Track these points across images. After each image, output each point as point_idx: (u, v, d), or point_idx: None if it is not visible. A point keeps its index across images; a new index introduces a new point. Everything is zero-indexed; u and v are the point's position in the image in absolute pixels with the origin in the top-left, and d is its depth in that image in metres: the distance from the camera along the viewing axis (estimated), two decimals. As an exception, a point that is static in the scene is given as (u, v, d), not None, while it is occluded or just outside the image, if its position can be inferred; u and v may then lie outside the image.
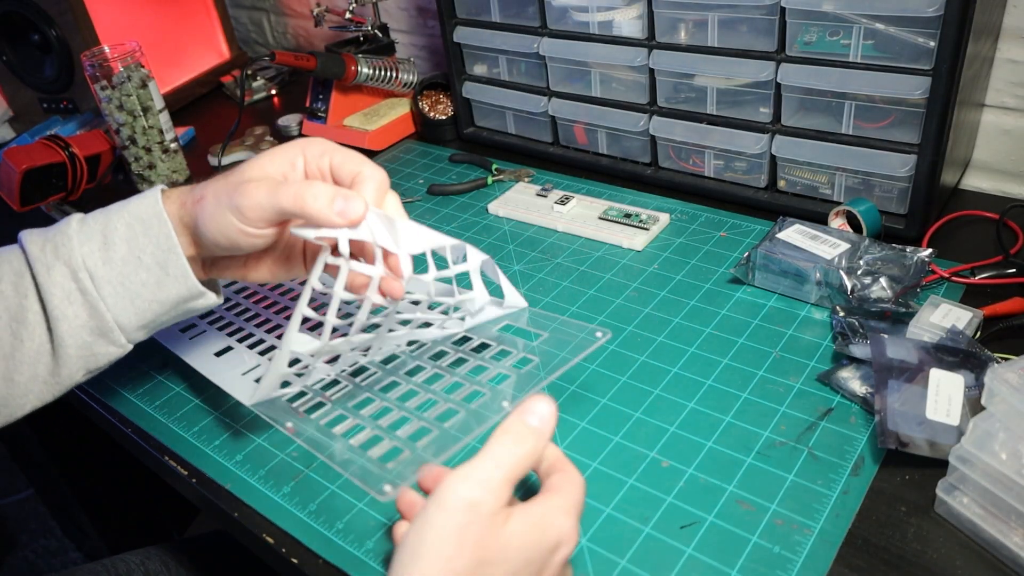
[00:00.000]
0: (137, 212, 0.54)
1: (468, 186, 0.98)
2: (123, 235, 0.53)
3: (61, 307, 0.53)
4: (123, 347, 0.56)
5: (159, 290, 0.54)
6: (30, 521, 1.65)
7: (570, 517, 0.42)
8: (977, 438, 0.49)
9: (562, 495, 0.43)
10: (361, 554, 0.54)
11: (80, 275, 0.53)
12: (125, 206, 0.55)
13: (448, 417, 0.58)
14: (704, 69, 0.83)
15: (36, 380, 0.55)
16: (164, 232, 0.53)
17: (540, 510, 0.42)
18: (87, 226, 0.54)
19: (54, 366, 0.55)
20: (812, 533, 0.51)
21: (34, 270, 0.53)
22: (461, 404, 0.59)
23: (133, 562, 0.83)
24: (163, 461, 0.65)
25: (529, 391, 0.50)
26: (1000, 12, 0.78)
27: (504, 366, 0.62)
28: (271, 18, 1.60)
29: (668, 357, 0.67)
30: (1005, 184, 0.86)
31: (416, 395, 0.61)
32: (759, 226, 0.83)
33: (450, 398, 0.60)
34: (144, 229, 0.53)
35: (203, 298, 0.56)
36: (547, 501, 0.42)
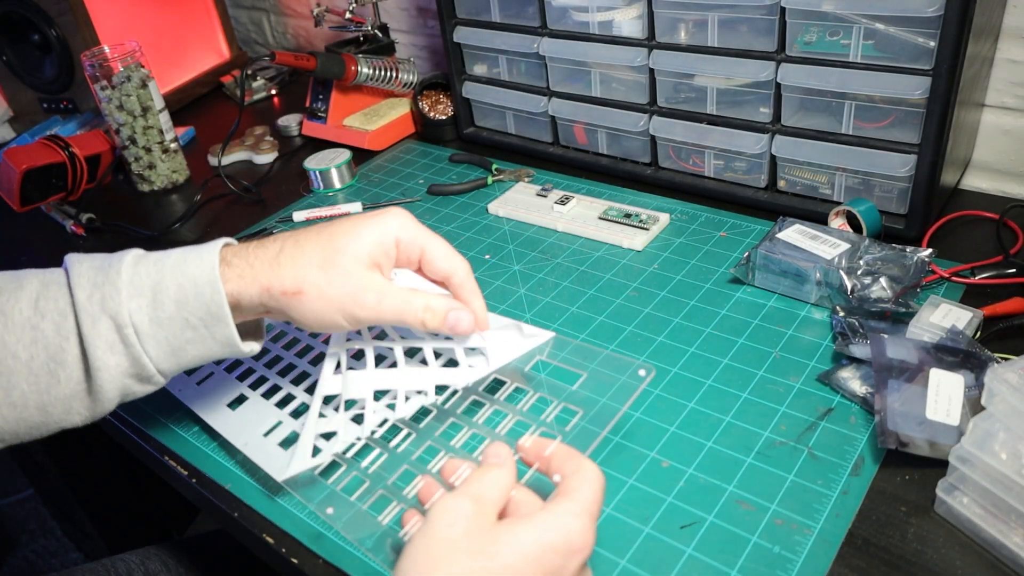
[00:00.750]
0: (192, 275, 0.51)
1: (468, 186, 0.98)
2: (173, 296, 0.51)
3: (103, 358, 0.51)
4: (159, 384, 0.55)
5: (203, 348, 0.53)
6: (30, 521, 1.65)
7: (582, 520, 0.41)
8: (977, 438, 0.49)
9: (574, 498, 0.41)
10: (361, 554, 0.54)
11: (126, 331, 0.51)
12: (181, 264, 0.52)
13: None
14: (704, 69, 0.83)
15: (70, 413, 0.54)
16: (217, 301, 0.51)
17: (551, 516, 0.40)
18: (138, 277, 0.52)
19: (90, 403, 0.54)
20: (812, 533, 0.51)
21: (79, 318, 0.51)
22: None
23: (133, 562, 0.83)
24: (163, 461, 0.65)
25: (584, 450, 0.46)
26: (1000, 12, 0.78)
27: (546, 421, 0.56)
28: (271, 18, 1.60)
29: (668, 357, 0.67)
30: (1005, 184, 0.86)
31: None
32: (759, 226, 0.83)
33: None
34: (196, 294, 0.51)
35: (243, 350, 0.55)
36: (558, 506, 0.41)
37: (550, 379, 0.60)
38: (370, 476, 0.56)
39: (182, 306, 0.51)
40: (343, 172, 1.04)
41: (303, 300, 0.51)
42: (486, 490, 0.42)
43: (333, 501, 0.55)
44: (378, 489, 0.55)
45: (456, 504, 0.41)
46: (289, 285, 0.51)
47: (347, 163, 1.04)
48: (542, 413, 0.57)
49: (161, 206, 1.09)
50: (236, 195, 1.06)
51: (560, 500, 0.42)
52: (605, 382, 0.57)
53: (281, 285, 0.51)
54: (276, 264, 0.52)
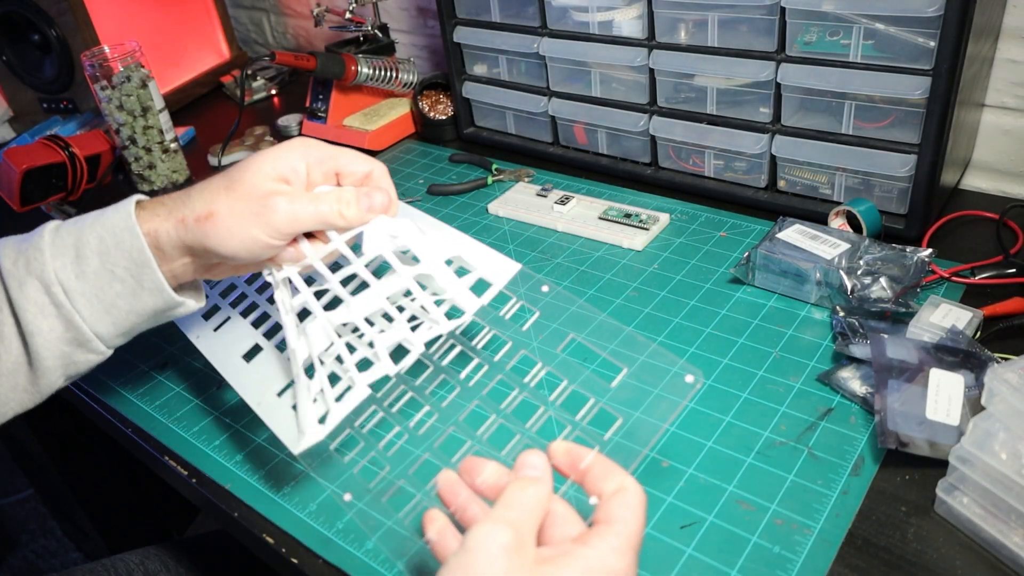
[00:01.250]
0: (109, 225, 0.53)
1: (468, 186, 0.98)
2: (95, 248, 0.53)
3: (35, 322, 0.52)
4: (103, 354, 0.56)
5: (135, 301, 0.54)
6: (30, 521, 1.65)
7: (625, 558, 0.38)
8: (977, 438, 0.49)
9: (616, 530, 0.38)
10: (361, 554, 0.54)
11: (53, 289, 0.52)
12: (98, 218, 0.54)
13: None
14: (704, 69, 0.83)
15: (16, 390, 0.55)
16: (137, 246, 0.52)
17: (593, 553, 0.37)
18: (60, 238, 0.54)
19: (33, 376, 0.54)
20: (812, 533, 0.51)
21: (7, 284, 0.53)
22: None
23: (133, 562, 0.83)
24: (163, 461, 0.65)
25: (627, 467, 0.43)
26: (1000, 12, 0.78)
27: (582, 424, 0.50)
28: (271, 18, 1.60)
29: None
30: (1005, 184, 0.86)
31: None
32: (759, 226, 0.83)
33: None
34: (116, 243, 0.53)
35: (182, 306, 0.56)
36: (601, 540, 0.38)
37: (580, 363, 0.54)
38: (389, 460, 0.53)
39: (105, 257, 0.53)
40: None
41: (217, 222, 0.52)
42: (526, 515, 0.39)
43: (351, 486, 0.54)
44: (398, 480, 0.53)
45: (496, 536, 0.37)
46: (200, 209, 0.52)
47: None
48: (577, 410, 0.51)
49: (161, 206, 1.09)
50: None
51: (602, 533, 0.38)
52: (647, 384, 0.52)
53: (193, 212, 0.52)
54: (186, 197, 0.54)
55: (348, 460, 0.53)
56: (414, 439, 0.54)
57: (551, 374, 0.51)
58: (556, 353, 0.54)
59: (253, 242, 0.52)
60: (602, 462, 0.42)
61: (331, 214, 0.53)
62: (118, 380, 0.74)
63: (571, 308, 0.58)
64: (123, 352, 0.78)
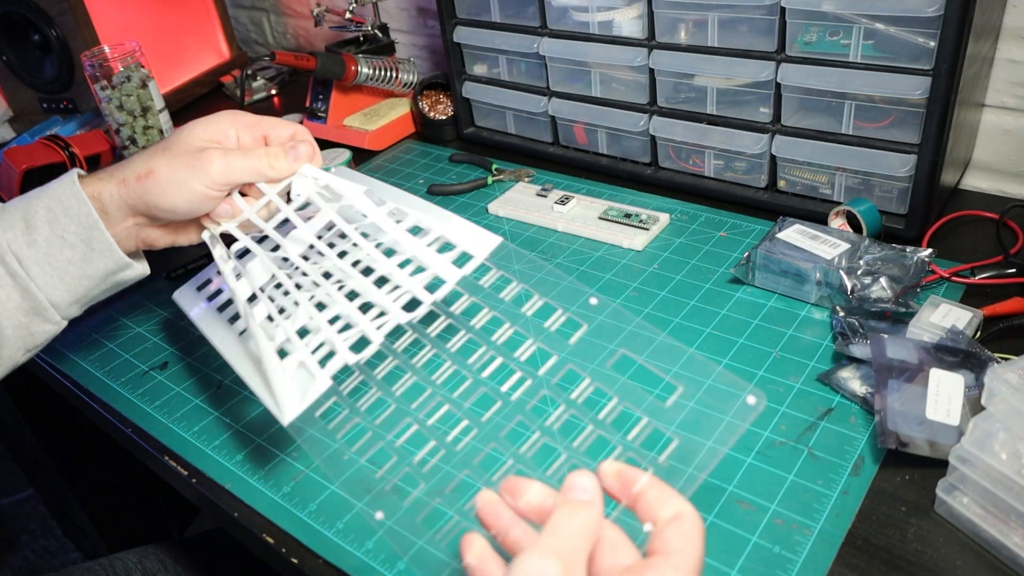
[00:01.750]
0: (56, 194, 0.57)
1: (468, 186, 0.98)
2: (44, 217, 0.56)
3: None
4: (58, 324, 0.59)
5: (86, 265, 0.57)
6: (30, 521, 1.65)
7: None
8: (977, 438, 0.49)
9: (675, 563, 0.35)
10: (361, 554, 0.54)
11: (7, 259, 0.55)
12: (43, 191, 0.58)
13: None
14: (704, 69, 0.83)
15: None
16: (84, 210, 0.56)
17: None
18: (7, 213, 0.57)
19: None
20: (812, 533, 0.51)
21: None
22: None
23: (131, 561, 0.83)
24: (163, 461, 0.65)
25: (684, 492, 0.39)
26: (1000, 12, 0.78)
27: (634, 445, 0.45)
28: (271, 18, 1.60)
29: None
30: (1005, 184, 0.86)
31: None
32: (759, 226, 0.83)
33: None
34: (64, 209, 0.56)
35: (131, 269, 0.59)
36: (659, 573, 0.35)
37: (634, 383, 0.49)
38: (424, 476, 0.50)
39: (54, 224, 0.56)
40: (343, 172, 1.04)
41: (157, 177, 0.56)
42: (576, 544, 0.35)
43: (382, 503, 0.49)
44: (434, 499, 0.49)
45: (545, 570, 0.34)
46: (140, 169, 0.57)
47: (347, 163, 1.04)
48: (627, 430, 0.46)
49: (161, 206, 1.09)
50: (236, 195, 1.06)
51: (659, 565, 0.35)
52: (704, 405, 0.47)
53: (134, 172, 0.57)
54: (126, 162, 0.59)
55: (379, 476, 0.49)
56: (451, 455, 0.49)
57: (599, 390, 0.47)
58: (605, 370, 0.50)
59: (192, 193, 0.57)
60: (657, 486, 0.38)
61: (262, 165, 0.59)
62: (118, 380, 0.74)
63: (627, 327, 0.55)
64: (123, 352, 0.78)
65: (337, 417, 0.51)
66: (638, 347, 0.51)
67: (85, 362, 0.77)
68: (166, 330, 0.80)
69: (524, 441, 0.48)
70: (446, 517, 0.46)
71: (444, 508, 0.48)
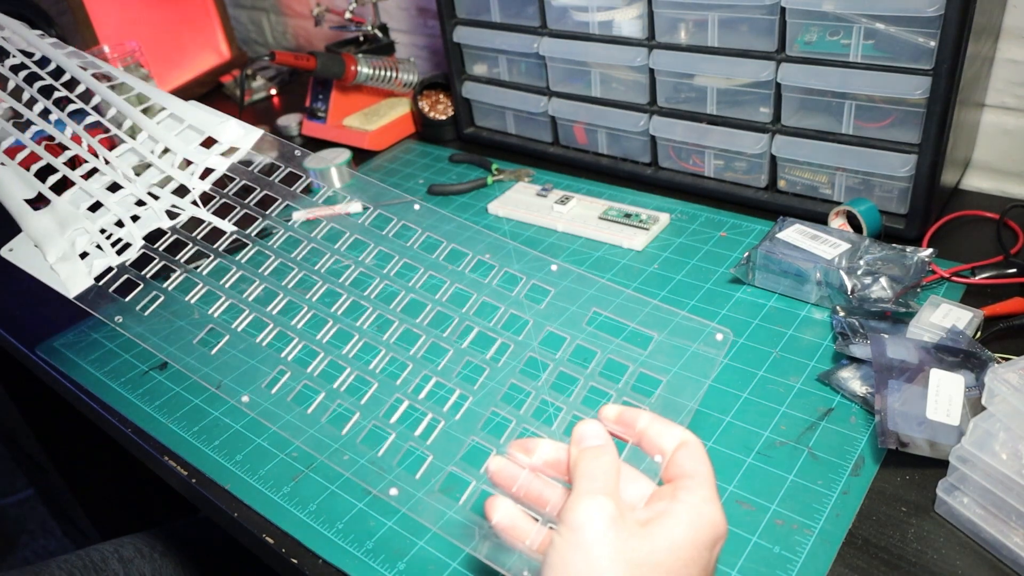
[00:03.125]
0: None
1: (468, 186, 0.98)
2: None
3: None
4: None
5: None
6: (30, 521, 1.65)
7: (717, 504, 0.38)
8: (977, 438, 0.49)
9: (699, 481, 0.39)
10: (361, 554, 0.54)
11: None
12: None
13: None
14: (704, 69, 0.83)
15: None
16: None
17: (690, 507, 0.38)
18: None
19: None
20: (812, 533, 0.51)
21: None
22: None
23: (107, 551, 0.84)
24: (163, 461, 0.65)
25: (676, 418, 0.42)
26: (1000, 12, 0.78)
27: (626, 389, 0.48)
28: (271, 18, 1.60)
29: (668, 357, 0.67)
30: (1005, 184, 0.86)
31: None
32: (759, 226, 0.83)
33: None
34: None
35: None
36: (691, 496, 0.38)
37: (610, 336, 0.52)
38: (431, 448, 0.49)
39: None
40: (343, 172, 1.04)
41: None
42: (611, 482, 0.39)
43: (394, 482, 0.49)
44: (448, 467, 0.48)
45: (602, 507, 0.37)
46: None
47: (347, 163, 1.04)
48: (615, 379, 0.49)
49: (161, 206, 1.09)
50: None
51: (689, 487, 0.39)
52: (680, 348, 0.50)
53: None
54: None
55: (382, 454, 0.49)
56: (452, 425, 0.50)
57: (580, 348, 0.50)
58: (582, 328, 0.53)
59: None
60: (657, 421, 0.42)
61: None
62: (118, 380, 0.74)
63: (588, 290, 0.57)
64: (123, 352, 0.78)
65: (330, 408, 0.51)
66: (604, 304, 0.53)
67: (85, 362, 0.77)
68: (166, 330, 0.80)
69: (522, 404, 0.49)
70: (464, 483, 0.47)
71: (460, 474, 0.48)
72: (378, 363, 0.52)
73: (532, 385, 0.50)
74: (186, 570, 0.86)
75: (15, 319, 0.87)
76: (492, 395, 0.50)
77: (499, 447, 0.46)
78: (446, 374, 0.51)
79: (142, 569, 0.83)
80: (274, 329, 0.54)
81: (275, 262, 0.58)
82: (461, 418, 0.50)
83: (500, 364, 0.52)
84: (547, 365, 0.51)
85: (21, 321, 0.86)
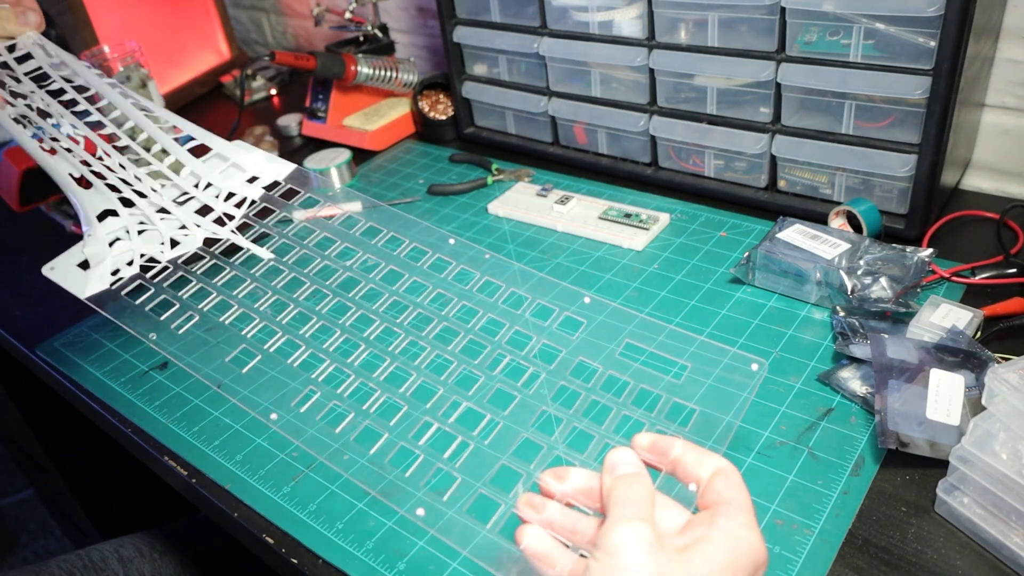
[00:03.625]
0: None
1: (468, 186, 0.98)
2: None
3: None
4: None
5: None
6: (30, 521, 1.65)
7: (756, 530, 0.38)
8: (977, 438, 0.49)
9: (738, 508, 0.38)
10: (361, 554, 0.54)
11: None
12: None
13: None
14: (704, 69, 0.83)
15: None
16: None
17: (727, 534, 0.37)
18: None
19: None
20: (812, 533, 0.51)
21: None
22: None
23: (107, 551, 0.84)
24: (163, 461, 0.65)
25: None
26: (1000, 12, 0.78)
27: (660, 418, 0.48)
28: (271, 18, 1.60)
29: (668, 357, 0.67)
30: (1005, 184, 0.86)
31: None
32: (759, 226, 0.83)
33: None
34: None
35: None
36: (729, 520, 0.38)
37: (645, 368, 0.52)
38: (460, 470, 0.49)
39: None
40: (343, 172, 1.04)
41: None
42: (647, 509, 0.38)
43: (421, 502, 0.49)
44: (478, 488, 0.48)
45: (640, 533, 0.36)
46: None
47: (347, 163, 1.04)
48: (651, 407, 0.49)
49: (161, 206, 1.09)
50: (236, 195, 1.06)
51: (727, 513, 0.38)
52: (714, 376, 0.50)
53: None
54: None
55: (410, 475, 0.49)
56: (482, 447, 0.50)
57: (612, 377, 0.50)
58: (615, 358, 0.53)
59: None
60: (692, 449, 0.41)
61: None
62: (118, 380, 0.74)
63: (625, 325, 0.56)
64: (123, 352, 0.78)
65: (359, 428, 0.51)
66: (638, 336, 0.53)
67: (85, 362, 0.77)
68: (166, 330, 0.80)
69: (553, 430, 0.49)
70: (494, 506, 0.46)
71: (490, 496, 0.47)
72: (408, 387, 0.52)
73: (564, 412, 0.50)
74: (186, 570, 0.86)
75: (15, 319, 0.87)
76: (523, 421, 0.50)
77: (530, 472, 0.46)
78: (478, 399, 0.51)
79: (142, 569, 0.83)
80: (306, 351, 0.54)
81: (310, 288, 0.59)
82: (491, 442, 0.49)
83: (532, 392, 0.51)
84: (579, 394, 0.51)
85: (21, 321, 0.86)
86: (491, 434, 0.49)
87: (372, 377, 0.52)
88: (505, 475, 0.47)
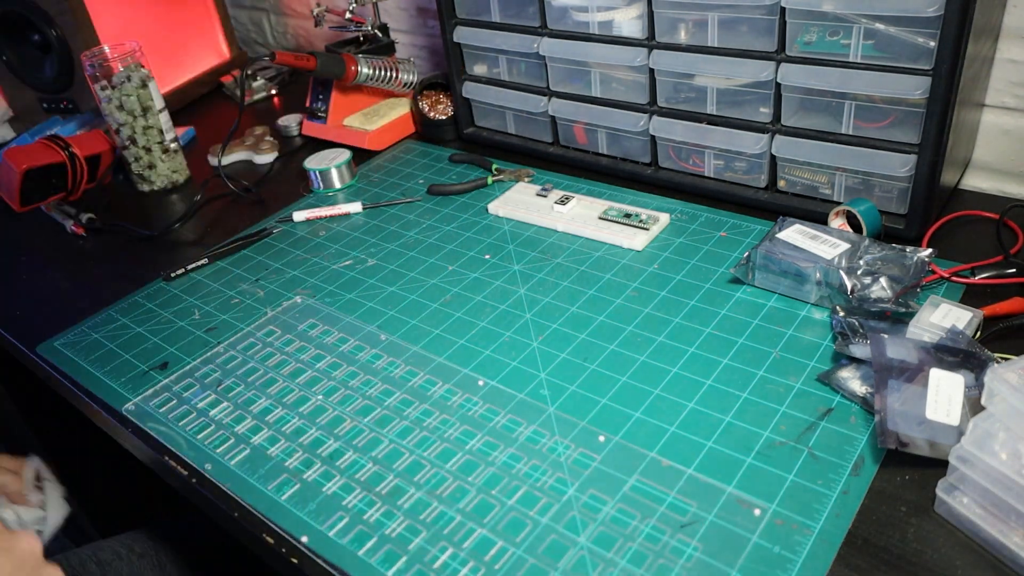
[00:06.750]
0: None
1: (468, 186, 0.98)
2: None
3: None
4: None
5: None
6: (30, 521, 1.64)
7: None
8: (977, 438, 0.49)
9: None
10: (361, 554, 0.54)
11: None
12: None
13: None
14: (704, 69, 0.83)
15: None
16: None
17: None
18: None
19: None
20: (812, 533, 0.51)
21: None
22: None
23: (107, 549, 0.84)
24: (163, 461, 0.65)
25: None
26: (1000, 12, 0.78)
27: (664, 552, 0.51)
28: (271, 18, 1.60)
29: (668, 357, 0.67)
30: (1005, 184, 0.86)
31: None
32: (759, 226, 0.83)
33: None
34: None
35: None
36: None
37: (652, 503, 0.55)
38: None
39: None
40: (343, 172, 1.04)
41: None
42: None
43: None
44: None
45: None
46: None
47: (347, 163, 1.04)
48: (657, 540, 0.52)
49: (161, 206, 1.09)
50: (236, 195, 1.06)
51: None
52: (714, 522, 0.53)
53: None
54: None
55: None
56: (492, 572, 0.53)
57: (621, 510, 0.54)
58: (625, 492, 0.56)
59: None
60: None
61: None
62: (118, 380, 0.74)
63: (637, 463, 0.59)
64: (123, 352, 0.78)
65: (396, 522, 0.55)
66: (647, 474, 0.57)
67: (85, 362, 0.77)
68: (166, 330, 0.80)
69: (563, 555, 0.52)
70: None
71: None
72: (428, 514, 0.56)
73: (571, 540, 0.53)
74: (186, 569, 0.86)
75: (15, 319, 0.87)
76: (534, 549, 0.53)
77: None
78: (492, 527, 0.55)
79: (142, 568, 0.83)
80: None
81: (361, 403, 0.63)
82: (502, 568, 0.52)
83: (544, 521, 0.55)
84: (587, 523, 0.54)
85: (21, 321, 0.86)
86: (502, 559, 0.52)
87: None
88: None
